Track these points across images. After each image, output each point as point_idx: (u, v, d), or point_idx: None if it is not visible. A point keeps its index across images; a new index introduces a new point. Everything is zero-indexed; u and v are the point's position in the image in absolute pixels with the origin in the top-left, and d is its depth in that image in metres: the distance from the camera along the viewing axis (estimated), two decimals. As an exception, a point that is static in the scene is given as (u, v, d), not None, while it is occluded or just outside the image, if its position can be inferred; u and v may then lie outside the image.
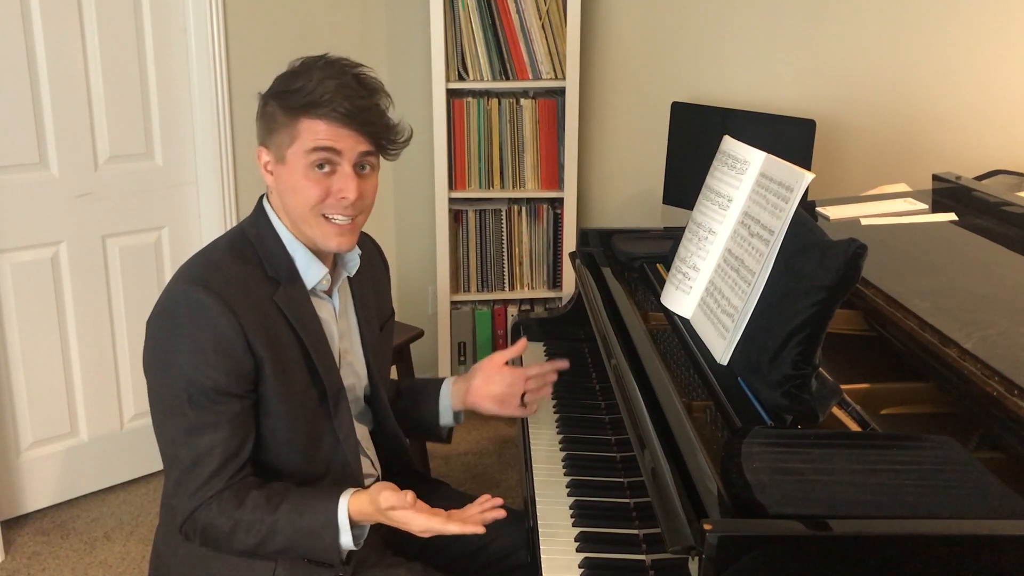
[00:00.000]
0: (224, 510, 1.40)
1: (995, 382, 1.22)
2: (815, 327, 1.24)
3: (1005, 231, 1.83)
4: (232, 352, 1.39)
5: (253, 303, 1.42)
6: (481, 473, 3.05)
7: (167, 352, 1.41)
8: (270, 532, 1.40)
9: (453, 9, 3.02)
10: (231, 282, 1.42)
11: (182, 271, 1.47)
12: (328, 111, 1.39)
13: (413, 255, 3.47)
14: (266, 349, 1.42)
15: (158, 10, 2.68)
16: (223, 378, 1.39)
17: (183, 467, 1.41)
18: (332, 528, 1.39)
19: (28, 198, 2.55)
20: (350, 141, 1.42)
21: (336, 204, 1.44)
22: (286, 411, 1.46)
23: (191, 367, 1.38)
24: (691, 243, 1.62)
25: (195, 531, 1.42)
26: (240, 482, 1.43)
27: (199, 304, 1.38)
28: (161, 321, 1.43)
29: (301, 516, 1.40)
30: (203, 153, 2.82)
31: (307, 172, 1.42)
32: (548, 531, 1.45)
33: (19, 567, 2.53)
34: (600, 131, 3.41)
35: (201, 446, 1.40)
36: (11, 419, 2.65)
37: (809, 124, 2.57)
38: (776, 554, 0.99)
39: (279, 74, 1.48)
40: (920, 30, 2.57)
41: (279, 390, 1.45)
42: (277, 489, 1.44)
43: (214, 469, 1.40)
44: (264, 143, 1.48)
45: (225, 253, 1.48)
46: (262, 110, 1.48)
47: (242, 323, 1.39)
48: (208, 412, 1.40)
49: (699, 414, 1.36)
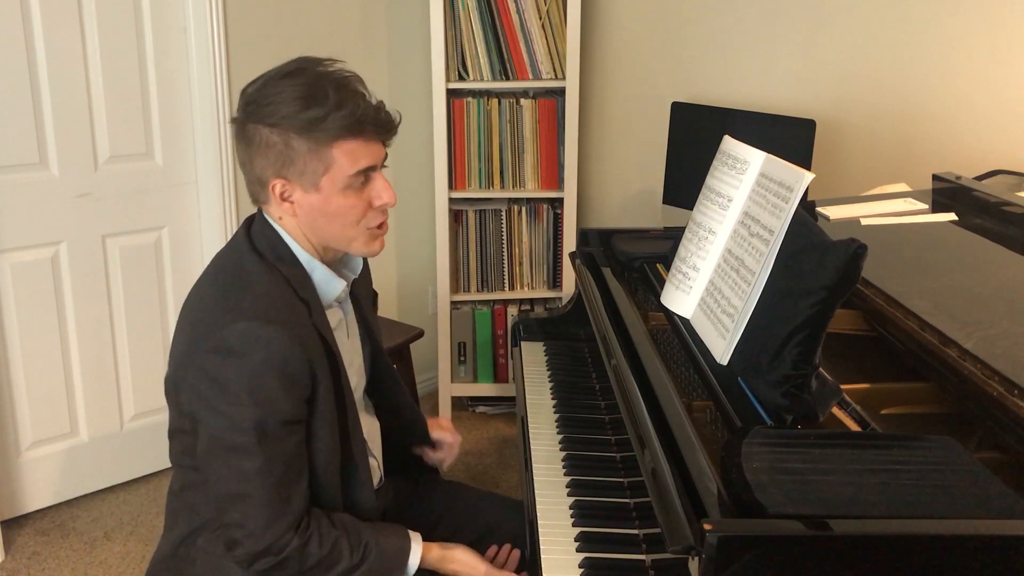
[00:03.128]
0: (323, 540, 1.43)
1: (995, 382, 1.22)
2: (815, 327, 1.24)
3: (1005, 231, 1.83)
4: (299, 379, 1.38)
5: (304, 328, 1.41)
6: (481, 473, 3.05)
7: (229, 394, 1.35)
8: (356, 566, 1.46)
9: (453, 9, 3.02)
10: (282, 310, 1.39)
11: (231, 306, 1.38)
12: (365, 129, 1.39)
13: (413, 255, 3.48)
14: (320, 371, 1.41)
15: (158, 10, 2.68)
16: (292, 409, 1.38)
17: (254, 504, 1.38)
18: (403, 565, 1.51)
19: (28, 198, 2.56)
20: (380, 151, 1.44)
21: (377, 212, 1.46)
22: (326, 431, 1.46)
23: (259, 406, 1.35)
24: (691, 243, 1.62)
25: (268, 558, 1.41)
26: (313, 509, 1.45)
27: (266, 340, 1.34)
28: (223, 361, 1.36)
29: (381, 553, 1.49)
30: (203, 153, 2.82)
31: (345, 193, 1.41)
32: (548, 531, 1.45)
33: (19, 567, 2.53)
34: (600, 131, 3.41)
35: (271, 483, 1.38)
36: (11, 419, 2.65)
37: (809, 124, 2.57)
38: (776, 554, 0.99)
39: (269, 99, 1.38)
40: (920, 30, 2.57)
41: (323, 409, 1.44)
42: (347, 521, 1.50)
43: (288, 502, 1.40)
44: (281, 175, 1.41)
45: (262, 280, 1.42)
46: (263, 140, 1.39)
47: (305, 349, 1.38)
48: (280, 443, 1.38)
49: (699, 414, 1.36)
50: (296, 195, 1.42)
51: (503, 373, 3.40)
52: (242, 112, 1.43)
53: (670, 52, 3.15)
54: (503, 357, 3.39)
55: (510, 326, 2.78)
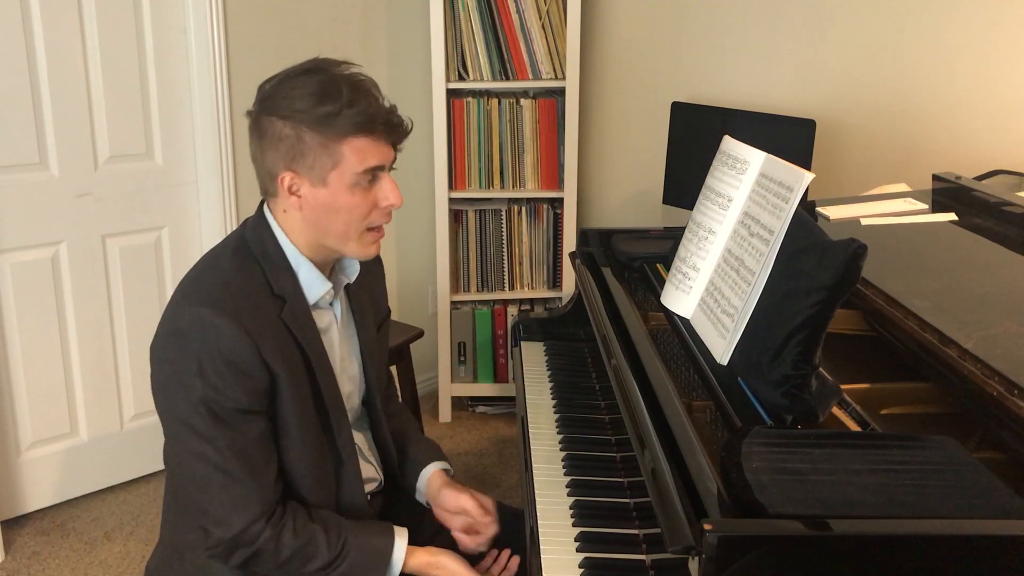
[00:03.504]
0: (298, 531, 1.43)
1: (995, 382, 1.22)
2: (815, 327, 1.24)
3: (1005, 231, 1.83)
4: (249, 370, 1.38)
5: (264, 322, 1.41)
6: (481, 473, 3.05)
7: (180, 374, 1.38)
8: (333, 561, 1.45)
9: (453, 9, 3.02)
10: (240, 301, 1.40)
11: (189, 291, 1.44)
12: (376, 129, 1.41)
13: (413, 255, 3.48)
14: (280, 366, 1.41)
15: (158, 10, 2.68)
16: (244, 397, 1.39)
17: (218, 488, 1.39)
18: (384, 564, 1.49)
19: (28, 198, 2.55)
20: (389, 153, 1.46)
21: (382, 213, 1.47)
22: (297, 427, 1.46)
23: (209, 387, 1.36)
24: (691, 243, 1.62)
25: (242, 549, 1.41)
26: (290, 502, 1.46)
27: (212, 326, 1.36)
28: (172, 342, 1.40)
29: (362, 551, 1.47)
30: (203, 153, 2.82)
31: (352, 191, 1.43)
32: (548, 531, 1.45)
33: (19, 567, 2.53)
34: (600, 131, 3.41)
35: (234, 466, 1.39)
36: (11, 419, 2.65)
37: (809, 124, 2.57)
38: (776, 554, 0.99)
39: (285, 93, 1.41)
40: (920, 30, 2.57)
41: (291, 406, 1.44)
42: (326, 516, 1.49)
43: (255, 488, 1.40)
44: (291, 168, 1.42)
45: (231, 271, 1.45)
46: (276, 133, 1.42)
47: (256, 342, 1.38)
48: (237, 430, 1.39)
49: (699, 414, 1.36)
50: (304, 189, 1.44)
51: (503, 373, 3.40)
52: (257, 105, 1.46)
53: (670, 52, 3.15)
54: (503, 357, 3.39)
55: (510, 326, 2.78)
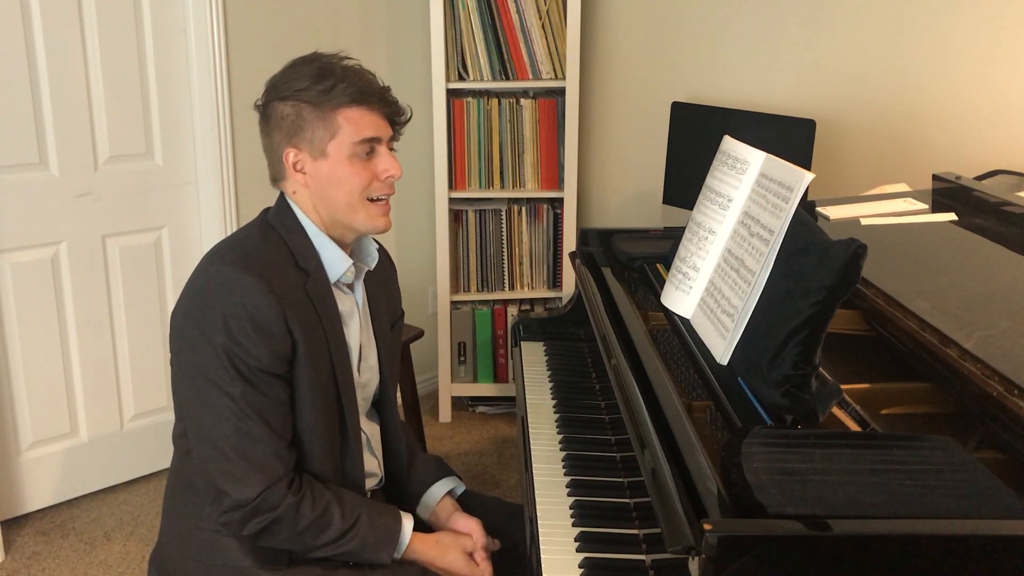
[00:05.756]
0: (316, 502, 1.44)
1: (995, 382, 1.22)
2: (815, 327, 1.24)
3: (1005, 231, 1.83)
4: (272, 331, 1.41)
5: (290, 289, 1.46)
6: (481, 473, 3.05)
7: (205, 331, 1.41)
8: (345, 532, 1.47)
9: (453, 9, 3.02)
10: (269, 267, 1.46)
11: (216, 255, 1.50)
12: (369, 100, 1.49)
13: (413, 255, 3.47)
14: (300, 334, 1.45)
15: (158, 10, 2.68)
16: (265, 356, 1.41)
17: (237, 446, 1.40)
18: (392, 544, 1.52)
19: (28, 198, 2.55)
20: (385, 127, 1.53)
21: (383, 184, 1.54)
22: (312, 399, 1.49)
23: (233, 341, 1.40)
24: (691, 243, 1.62)
25: (261, 515, 1.41)
26: (305, 474, 1.48)
27: (239, 282, 1.41)
28: (198, 300, 1.45)
29: (373, 528, 1.50)
30: (203, 153, 2.82)
31: (352, 161, 1.50)
32: (548, 531, 1.45)
33: (19, 567, 2.53)
34: (600, 131, 3.41)
35: (254, 424, 1.41)
36: (11, 419, 2.65)
37: (809, 124, 2.57)
38: (776, 554, 0.99)
39: (286, 79, 1.51)
40: (920, 30, 2.57)
41: (308, 376, 1.47)
42: (339, 491, 1.51)
43: (272, 450, 1.42)
44: (293, 144, 1.50)
45: (259, 241, 1.51)
46: (279, 114, 1.50)
47: (282, 305, 1.42)
48: (259, 390, 1.41)
49: (699, 414, 1.36)
50: (307, 165, 1.51)
51: (503, 373, 3.40)
52: (264, 96, 1.54)
53: (670, 52, 3.15)
54: (503, 357, 3.39)
55: (510, 326, 2.78)
